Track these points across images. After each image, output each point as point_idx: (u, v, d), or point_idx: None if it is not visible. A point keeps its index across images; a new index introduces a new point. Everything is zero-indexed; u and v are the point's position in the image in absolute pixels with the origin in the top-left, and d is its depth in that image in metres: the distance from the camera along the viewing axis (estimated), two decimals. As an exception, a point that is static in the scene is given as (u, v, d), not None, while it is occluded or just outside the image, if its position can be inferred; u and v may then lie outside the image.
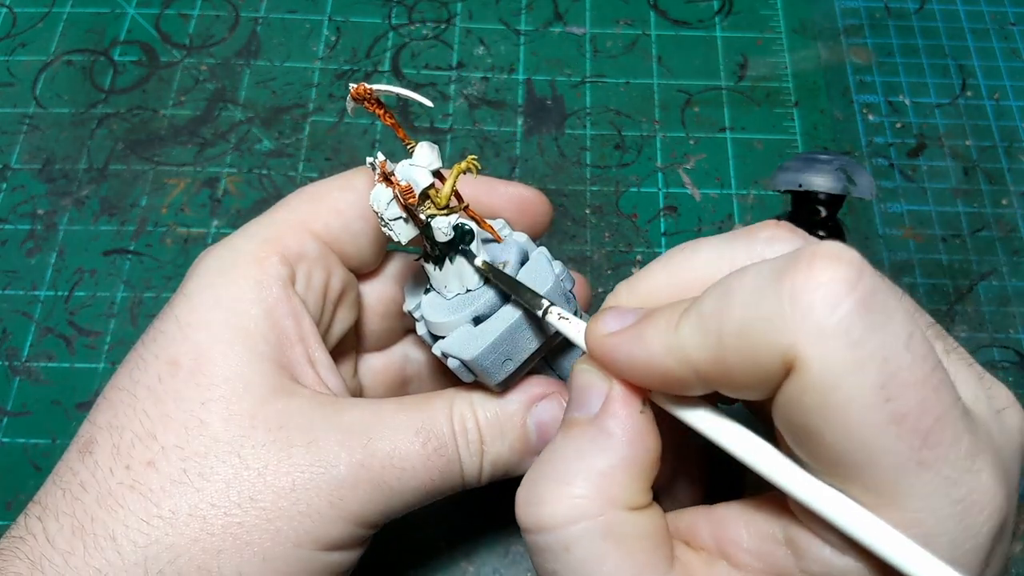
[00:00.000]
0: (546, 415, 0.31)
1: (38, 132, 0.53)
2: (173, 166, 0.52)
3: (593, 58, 0.57)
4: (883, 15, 0.59)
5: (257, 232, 0.31)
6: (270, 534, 0.26)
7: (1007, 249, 0.49)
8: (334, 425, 0.28)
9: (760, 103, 0.55)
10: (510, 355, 0.29)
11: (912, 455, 0.19)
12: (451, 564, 0.40)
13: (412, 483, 0.29)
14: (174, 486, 0.26)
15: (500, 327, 0.29)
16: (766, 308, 0.20)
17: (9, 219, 0.50)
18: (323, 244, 0.32)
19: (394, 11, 0.59)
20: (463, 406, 0.30)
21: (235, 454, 0.27)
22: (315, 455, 0.27)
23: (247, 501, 0.27)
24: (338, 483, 0.27)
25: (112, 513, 0.26)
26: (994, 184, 0.52)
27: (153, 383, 0.28)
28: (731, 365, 0.21)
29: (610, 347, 0.23)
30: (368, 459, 0.28)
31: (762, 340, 0.20)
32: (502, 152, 0.53)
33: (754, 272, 0.21)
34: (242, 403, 0.28)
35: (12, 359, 0.45)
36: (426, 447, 0.29)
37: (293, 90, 0.55)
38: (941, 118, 0.54)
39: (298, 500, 0.27)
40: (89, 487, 0.27)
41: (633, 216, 0.50)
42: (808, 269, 0.19)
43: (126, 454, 0.27)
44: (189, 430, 0.27)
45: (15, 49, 0.56)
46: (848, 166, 0.37)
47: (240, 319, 0.29)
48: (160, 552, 0.26)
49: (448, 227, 0.28)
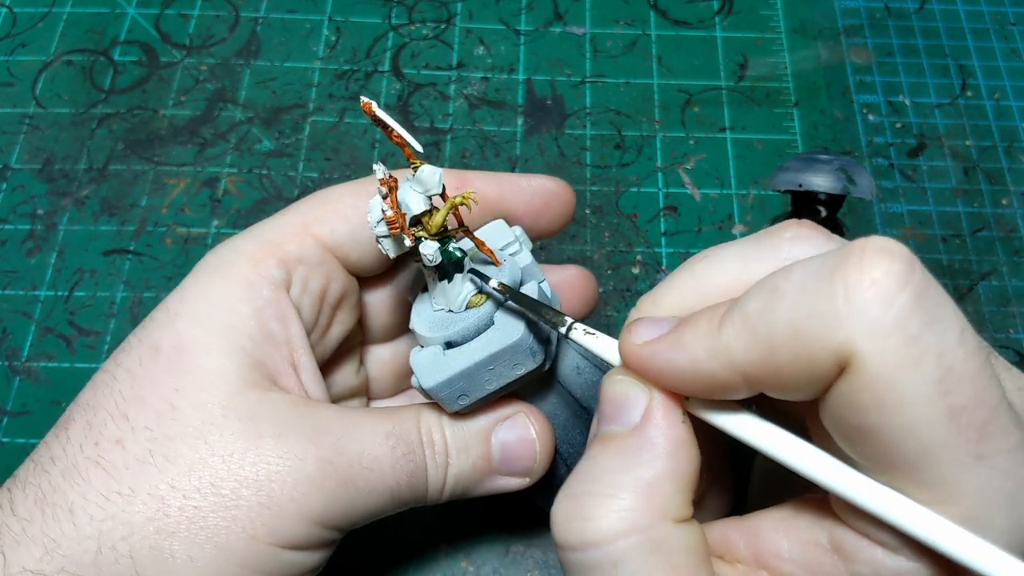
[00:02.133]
0: (510, 435, 0.31)
1: (38, 132, 0.53)
2: (173, 166, 0.52)
3: (593, 58, 0.57)
4: (883, 15, 0.59)
5: (260, 234, 0.31)
6: (226, 522, 0.26)
7: (1007, 249, 0.49)
8: (305, 421, 0.28)
9: (760, 103, 0.55)
10: (467, 392, 0.29)
11: (970, 449, 0.19)
12: (451, 564, 0.40)
13: (378, 485, 0.28)
14: (138, 464, 0.27)
15: (462, 364, 0.29)
16: (818, 306, 0.19)
17: (9, 219, 0.50)
18: (325, 249, 0.32)
19: (394, 11, 0.59)
20: (431, 418, 0.30)
21: (202, 440, 0.27)
22: (283, 447, 0.27)
23: (208, 487, 0.26)
24: (304, 477, 0.27)
25: (74, 486, 0.26)
26: (994, 184, 0.52)
27: (133, 366, 0.28)
28: (781, 365, 0.20)
29: (647, 355, 0.23)
30: (337, 457, 0.28)
31: (815, 338, 0.19)
32: (502, 152, 0.53)
33: (802, 270, 0.20)
34: (215, 392, 0.28)
35: (12, 359, 0.45)
36: (395, 451, 0.29)
37: (293, 90, 0.55)
38: (941, 118, 0.54)
39: (260, 491, 0.27)
40: (58, 460, 0.27)
41: (633, 216, 0.50)
42: (860, 265, 0.19)
43: (97, 431, 0.27)
44: (160, 413, 0.27)
45: (15, 49, 0.56)
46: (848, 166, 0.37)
47: (226, 315, 0.29)
48: (115, 527, 0.26)
49: (435, 252, 0.28)
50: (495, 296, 0.30)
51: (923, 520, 0.20)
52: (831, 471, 0.21)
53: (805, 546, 0.22)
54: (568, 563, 0.23)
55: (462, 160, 0.52)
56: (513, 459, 0.31)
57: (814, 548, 0.22)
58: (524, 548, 0.40)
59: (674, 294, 0.25)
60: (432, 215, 0.28)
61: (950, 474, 0.19)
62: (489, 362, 0.28)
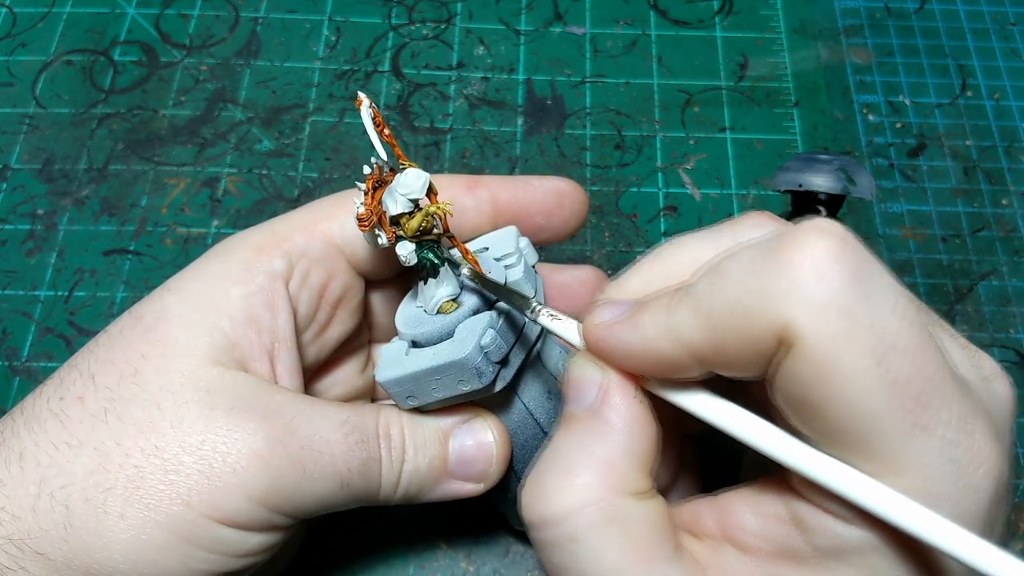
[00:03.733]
0: (469, 439, 0.31)
1: (38, 132, 0.53)
2: (173, 166, 0.52)
3: (593, 58, 0.57)
4: (883, 15, 0.59)
5: (271, 226, 0.32)
6: (164, 485, 0.26)
7: (1007, 249, 0.49)
8: (262, 401, 0.28)
9: (760, 103, 0.55)
10: (414, 394, 0.30)
11: (908, 418, 0.19)
12: (451, 564, 0.40)
13: (328, 470, 0.28)
14: (92, 420, 0.27)
15: (411, 368, 0.29)
16: (757, 283, 0.20)
17: (9, 219, 0.50)
18: (332, 246, 0.32)
19: (394, 11, 0.59)
20: (391, 414, 0.31)
21: (155, 405, 0.27)
22: (233, 420, 0.27)
23: (152, 448, 0.27)
24: (249, 452, 0.27)
25: (31, 434, 0.27)
26: (994, 184, 0.52)
27: (114, 332, 0.29)
28: (725, 343, 0.21)
29: (605, 336, 0.24)
30: (287, 436, 0.27)
31: (755, 315, 0.20)
32: (502, 152, 0.53)
33: (745, 251, 0.21)
34: (178, 362, 0.28)
35: (12, 359, 0.45)
36: (348, 437, 0.29)
37: (293, 90, 0.55)
38: (941, 118, 0.54)
39: (202, 459, 0.27)
40: (25, 410, 0.28)
41: (633, 216, 0.50)
42: (795, 243, 0.20)
43: (66, 388, 0.28)
44: (123, 376, 0.28)
45: (15, 49, 0.56)
46: (848, 166, 0.37)
47: (213, 294, 0.30)
48: (56, 475, 0.26)
49: (409, 253, 0.28)
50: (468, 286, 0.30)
51: (868, 490, 0.20)
52: (781, 444, 0.21)
53: (768, 520, 0.23)
54: (535, 542, 0.24)
55: (462, 160, 0.52)
56: (469, 463, 0.31)
57: (776, 521, 0.23)
58: (524, 548, 0.40)
59: (639, 277, 0.26)
60: (410, 218, 0.28)
61: (893, 445, 0.20)
62: (435, 372, 0.29)
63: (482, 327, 0.28)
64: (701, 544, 0.24)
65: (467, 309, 0.30)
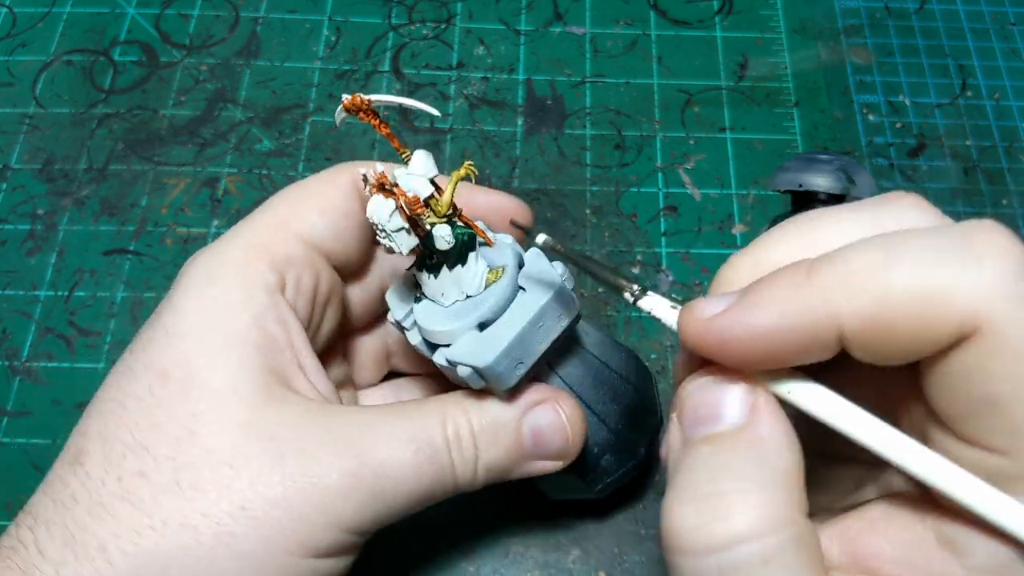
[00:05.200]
0: (542, 420, 0.31)
1: (38, 132, 0.53)
2: (173, 166, 0.52)
3: (593, 58, 0.57)
4: (883, 15, 0.59)
5: (244, 237, 0.31)
6: (262, 543, 0.26)
7: (1007, 249, 0.49)
8: (326, 434, 0.28)
9: (760, 103, 0.55)
10: (522, 358, 0.29)
11: None
12: (451, 564, 0.40)
13: (404, 491, 0.29)
14: (165, 496, 0.26)
15: (512, 331, 0.28)
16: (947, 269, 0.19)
17: (9, 219, 0.50)
18: (310, 246, 0.31)
19: (394, 11, 0.59)
20: (457, 413, 0.30)
21: (227, 464, 0.27)
22: (306, 465, 0.27)
23: (238, 511, 0.26)
24: (330, 492, 0.27)
25: (103, 523, 0.26)
26: (994, 184, 0.52)
27: (143, 394, 0.28)
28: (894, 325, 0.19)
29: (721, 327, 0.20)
30: (360, 468, 0.28)
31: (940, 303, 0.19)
32: (502, 152, 0.53)
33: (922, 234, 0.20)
34: (232, 413, 0.27)
35: (12, 359, 0.45)
36: (418, 456, 0.29)
37: (293, 90, 0.55)
38: (941, 118, 0.54)
39: (290, 509, 0.27)
40: (80, 498, 0.27)
41: (633, 216, 0.50)
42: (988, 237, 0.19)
43: (117, 465, 0.27)
44: (180, 441, 0.27)
45: (15, 49, 0.56)
46: (848, 166, 0.37)
47: (228, 327, 0.29)
48: (150, 562, 0.26)
49: (449, 235, 0.27)
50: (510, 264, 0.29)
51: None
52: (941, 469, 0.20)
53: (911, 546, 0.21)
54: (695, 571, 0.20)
55: (462, 160, 0.52)
56: (545, 444, 0.31)
57: (920, 546, 0.21)
58: (524, 548, 0.40)
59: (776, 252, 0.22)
60: (439, 196, 0.27)
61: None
62: (539, 318, 0.28)
63: (545, 262, 0.29)
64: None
65: (512, 268, 0.29)
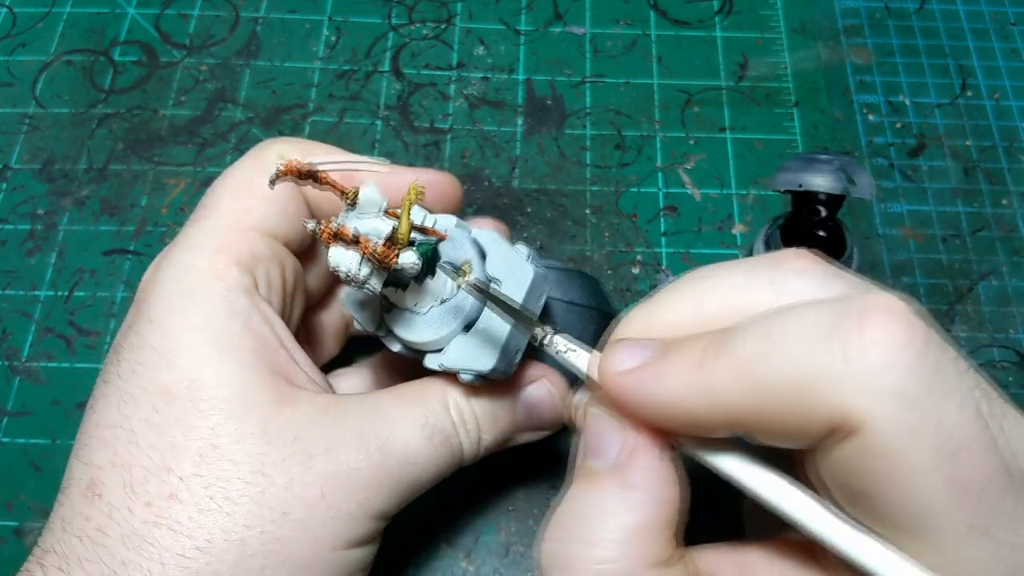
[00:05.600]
0: (534, 397, 0.33)
1: (38, 132, 0.53)
2: (173, 166, 0.52)
3: (593, 58, 0.57)
4: (883, 15, 0.59)
5: (203, 243, 0.30)
6: (308, 543, 0.27)
7: (1007, 249, 0.49)
8: (345, 429, 0.29)
9: (760, 103, 0.55)
10: (519, 346, 0.31)
11: (966, 520, 0.19)
12: (451, 564, 0.40)
13: (423, 473, 0.30)
14: (203, 515, 0.26)
15: (504, 328, 0.29)
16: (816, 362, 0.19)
17: (9, 219, 0.50)
18: (269, 239, 0.32)
19: (394, 11, 0.59)
20: (458, 396, 0.32)
21: (259, 473, 0.27)
22: (337, 463, 0.28)
23: (280, 516, 0.27)
24: (363, 485, 0.28)
25: (142, 553, 0.25)
26: (994, 184, 0.52)
27: (149, 415, 0.27)
28: (772, 415, 0.20)
29: (627, 387, 0.22)
30: (385, 459, 0.29)
31: (811, 395, 0.19)
32: (502, 152, 0.53)
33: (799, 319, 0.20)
34: (249, 421, 0.27)
35: (12, 359, 0.45)
36: (432, 440, 0.30)
37: (293, 90, 0.55)
38: (941, 118, 0.54)
39: (329, 507, 0.28)
40: (109, 530, 0.26)
41: (633, 216, 0.50)
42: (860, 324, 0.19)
43: (141, 491, 0.26)
44: (204, 457, 0.27)
45: (15, 49, 0.56)
46: (848, 166, 0.37)
47: (220, 336, 0.28)
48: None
49: (416, 259, 0.27)
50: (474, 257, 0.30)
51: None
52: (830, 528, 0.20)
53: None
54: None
55: (462, 160, 0.52)
56: (537, 418, 0.34)
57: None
58: (524, 548, 0.40)
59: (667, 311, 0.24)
60: (398, 226, 0.27)
61: (948, 544, 0.19)
62: (524, 302, 0.29)
63: (509, 251, 0.30)
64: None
65: (477, 261, 0.30)
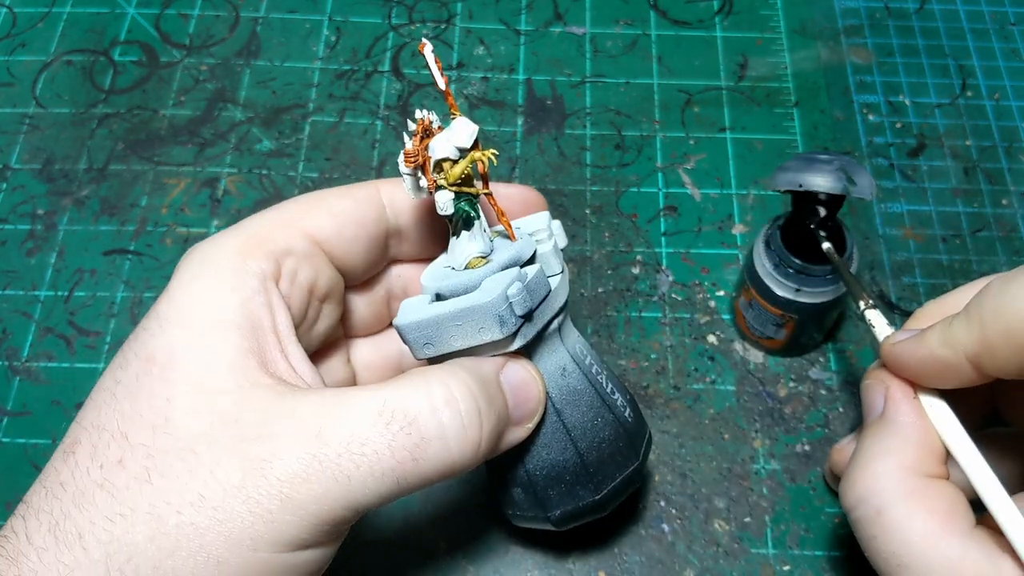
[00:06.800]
0: (517, 378, 0.30)
1: (38, 132, 0.53)
2: (173, 166, 0.52)
3: (593, 58, 0.57)
4: (883, 15, 0.59)
5: (245, 228, 0.31)
6: (223, 537, 0.25)
7: (1007, 249, 0.49)
8: (289, 415, 0.27)
9: (760, 103, 0.55)
10: (431, 341, 0.29)
11: None
12: (451, 564, 0.40)
13: (377, 469, 0.26)
14: (137, 484, 0.26)
15: (433, 312, 0.29)
16: None
17: (9, 219, 0.50)
18: (313, 242, 0.32)
19: (394, 11, 0.59)
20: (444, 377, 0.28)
21: (191, 450, 0.26)
22: (265, 449, 0.26)
23: (198, 499, 0.26)
24: (288, 477, 0.26)
25: (83, 511, 0.26)
26: (994, 184, 0.52)
27: (131, 382, 0.28)
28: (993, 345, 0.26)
29: (897, 351, 0.31)
30: (321, 448, 0.26)
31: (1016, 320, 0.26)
32: (502, 152, 0.53)
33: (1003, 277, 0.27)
34: (204, 397, 0.27)
35: (12, 359, 0.45)
36: (390, 427, 0.26)
37: (293, 90, 0.55)
38: (941, 118, 0.54)
39: (248, 498, 0.26)
40: (67, 486, 0.27)
41: (633, 216, 0.50)
42: None
43: (102, 453, 0.27)
44: (155, 428, 0.27)
45: (15, 49, 0.56)
46: (848, 166, 0.37)
47: (214, 310, 0.29)
48: (120, 550, 0.25)
49: (447, 203, 0.29)
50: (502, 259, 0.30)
51: None
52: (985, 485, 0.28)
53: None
54: (852, 523, 0.30)
55: (462, 160, 0.52)
56: (520, 403, 0.30)
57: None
58: (524, 548, 0.40)
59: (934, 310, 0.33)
60: (453, 165, 0.29)
61: None
62: (456, 317, 0.28)
63: (510, 278, 0.28)
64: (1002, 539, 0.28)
65: (496, 265, 0.30)
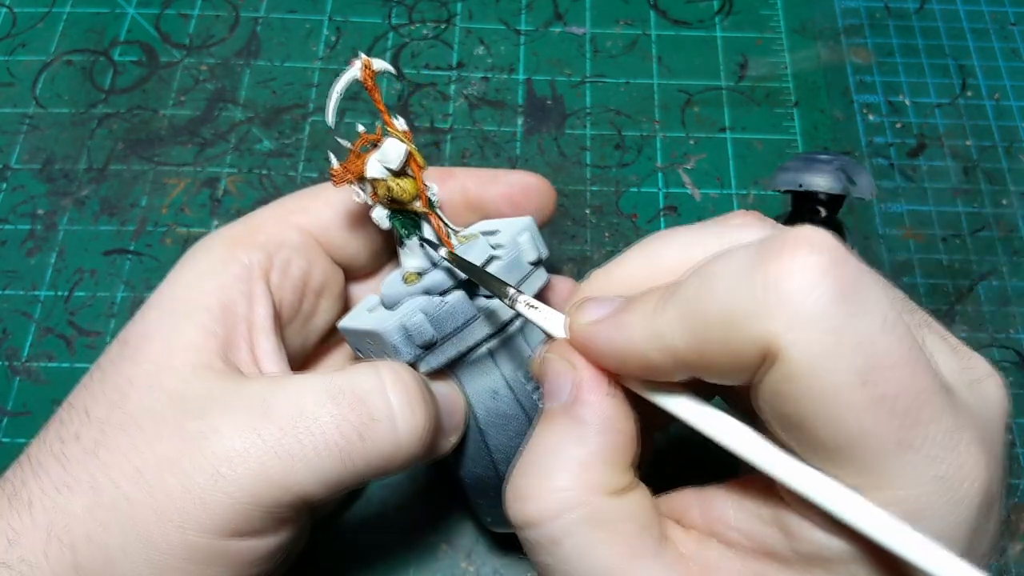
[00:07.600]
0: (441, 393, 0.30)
1: (38, 132, 0.53)
2: (173, 166, 0.52)
3: (593, 58, 0.57)
4: (883, 15, 0.59)
5: (243, 221, 0.32)
6: (153, 512, 0.25)
7: (1007, 249, 0.49)
8: (235, 395, 0.27)
9: (760, 103, 0.55)
10: (359, 347, 0.31)
11: (894, 437, 0.19)
12: (451, 564, 0.40)
13: (321, 446, 0.26)
14: (85, 456, 0.26)
15: (356, 324, 0.31)
16: (743, 293, 0.20)
17: (9, 219, 0.50)
18: (308, 235, 0.32)
19: (394, 11, 0.59)
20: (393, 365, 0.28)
21: (137, 425, 0.26)
22: (206, 424, 0.26)
23: (135, 473, 0.25)
24: (225, 453, 0.25)
25: (40, 478, 0.27)
26: (994, 184, 0.52)
27: (105, 362, 0.29)
28: (710, 351, 0.21)
29: (591, 335, 0.23)
30: (263, 424, 0.25)
31: (740, 327, 0.20)
32: (502, 152, 0.53)
33: (731, 257, 0.20)
34: (160, 378, 0.27)
35: (12, 359, 0.45)
36: (339, 404, 0.26)
37: (293, 90, 0.55)
38: (941, 118, 0.54)
39: (180, 473, 0.25)
40: (32, 457, 0.28)
41: (633, 216, 0.50)
42: (781, 255, 0.19)
43: (65, 429, 0.28)
44: (112, 404, 0.27)
45: (15, 49, 0.56)
46: (848, 166, 0.37)
47: (191, 293, 0.29)
48: (59, 519, 0.26)
49: (382, 219, 0.30)
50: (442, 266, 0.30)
51: (848, 505, 0.20)
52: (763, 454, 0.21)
53: (751, 520, 0.23)
54: (523, 541, 0.24)
55: (462, 160, 0.52)
56: (448, 414, 0.30)
57: (760, 522, 0.23)
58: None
59: (624, 270, 0.25)
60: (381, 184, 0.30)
61: (878, 463, 0.19)
62: (366, 335, 0.30)
63: (414, 307, 0.29)
64: (687, 535, 0.24)
65: (421, 287, 0.30)
